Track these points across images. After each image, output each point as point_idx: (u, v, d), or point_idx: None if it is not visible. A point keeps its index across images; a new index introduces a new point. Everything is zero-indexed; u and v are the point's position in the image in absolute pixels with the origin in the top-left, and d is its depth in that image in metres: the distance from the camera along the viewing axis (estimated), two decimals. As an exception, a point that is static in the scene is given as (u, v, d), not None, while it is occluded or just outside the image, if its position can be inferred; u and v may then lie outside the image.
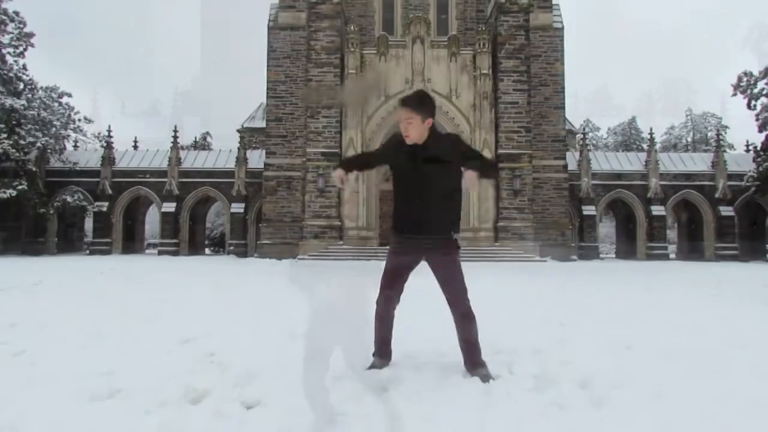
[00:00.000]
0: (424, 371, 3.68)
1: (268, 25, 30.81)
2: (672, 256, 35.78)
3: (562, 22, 30.76)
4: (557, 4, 31.12)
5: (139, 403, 3.00)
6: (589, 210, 32.56)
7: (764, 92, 31.64)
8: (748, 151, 35.80)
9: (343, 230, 28.12)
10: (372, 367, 3.70)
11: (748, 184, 31.79)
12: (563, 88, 30.45)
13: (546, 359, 4.01)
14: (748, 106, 32.35)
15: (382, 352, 3.82)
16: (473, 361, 3.50)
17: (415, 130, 3.57)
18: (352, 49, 28.27)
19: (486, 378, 3.40)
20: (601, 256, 34.44)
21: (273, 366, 3.87)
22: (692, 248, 34.96)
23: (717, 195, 32.58)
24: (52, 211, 31.45)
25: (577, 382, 3.35)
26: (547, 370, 3.64)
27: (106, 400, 3.09)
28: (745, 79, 32.26)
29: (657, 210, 32.61)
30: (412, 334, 4.57)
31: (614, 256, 39.82)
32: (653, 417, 2.74)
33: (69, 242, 35.35)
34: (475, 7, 31.46)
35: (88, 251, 34.47)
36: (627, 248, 35.86)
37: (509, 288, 10.85)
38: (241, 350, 4.45)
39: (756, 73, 32.09)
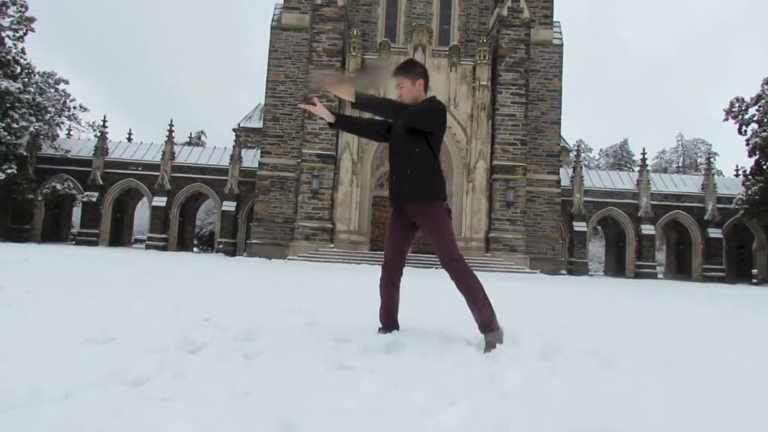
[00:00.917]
0: (428, 339, 3.61)
1: (271, 25, 30.86)
2: (660, 275, 36.00)
3: (561, 39, 31.08)
4: (558, 22, 31.46)
5: (137, 347, 2.91)
6: (580, 226, 32.71)
7: (755, 118, 32.10)
8: (737, 175, 36.27)
9: (335, 233, 27.99)
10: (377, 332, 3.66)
11: (736, 206, 32.15)
12: (560, 104, 30.71)
13: (549, 337, 3.95)
14: (739, 132, 32.81)
15: (387, 323, 3.76)
16: (478, 323, 3.43)
17: (407, 93, 3.60)
18: (354, 53, 28.33)
19: (490, 345, 3.30)
20: (590, 273, 34.57)
21: (272, 329, 3.78)
22: (680, 268, 35.23)
23: (706, 217, 32.89)
24: (40, 198, 31.01)
25: (585, 351, 3.30)
26: (552, 343, 3.58)
27: (102, 345, 2.99)
28: (737, 104, 32.75)
29: (647, 229, 32.83)
30: (415, 310, 4.51)
31: (603, 273, 39.99)
32: (664, 379, 2.69)
33: (55, 231, 34.89)
34: (477, 20, 31.72)
35: (74, 241, 34.02)
36: (616, 266, 36.05)
37: (504, 289, 10.80)
38: (236, 317, 4.35)
39: (748, 99, 32.58)
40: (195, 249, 42.98)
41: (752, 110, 32.45)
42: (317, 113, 3.67)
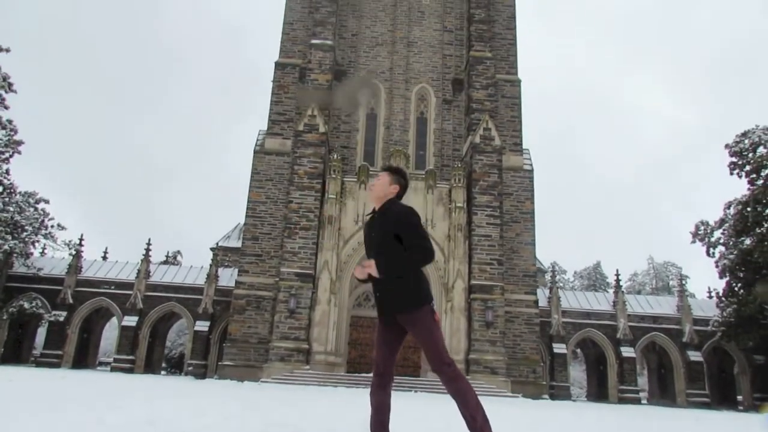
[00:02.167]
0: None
1: (254, 149, 32.19)
2: (644, 401, 35.10)
3: (531, 164, 32.88)
4: (527, 149, 33.46)
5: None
6: (560, 348, 32.29)
7: (721, 241, 33.17)
8: (710, 296, 36.79)
9: (311, 354, 27.09)
10: None
11: (713, 329, 32.16)
12: (533, 225, 31.68)
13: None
14: (707, 254, 33.75)
15: None
16: (471, 430, 3.32)
17: (379, 185, 3.70)
18: (334, 176, 29.39)
19: None
20: (572, 398, 33.56)
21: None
22: (663, 393, 34.46)
23: (684, 339, 32.80)
24: (5, 317, 29.77)
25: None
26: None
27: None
28: (702, 228, 34.01)
29: (627, 351, 32.49)
30: (405, 424, 4.33)
31: (585, 398, 38.83)
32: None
33: (16, 353, 33.11)
34: (452, 146, 33.59)
35: (35, 363, 32.22)
36: (598, 391, 35.20)
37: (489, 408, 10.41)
38: (215, 430, 4.13)
39: (712, 222, 33.95)
40: (162, 372, 40.90)
41: (717, 233, 33.57)
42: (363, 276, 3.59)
